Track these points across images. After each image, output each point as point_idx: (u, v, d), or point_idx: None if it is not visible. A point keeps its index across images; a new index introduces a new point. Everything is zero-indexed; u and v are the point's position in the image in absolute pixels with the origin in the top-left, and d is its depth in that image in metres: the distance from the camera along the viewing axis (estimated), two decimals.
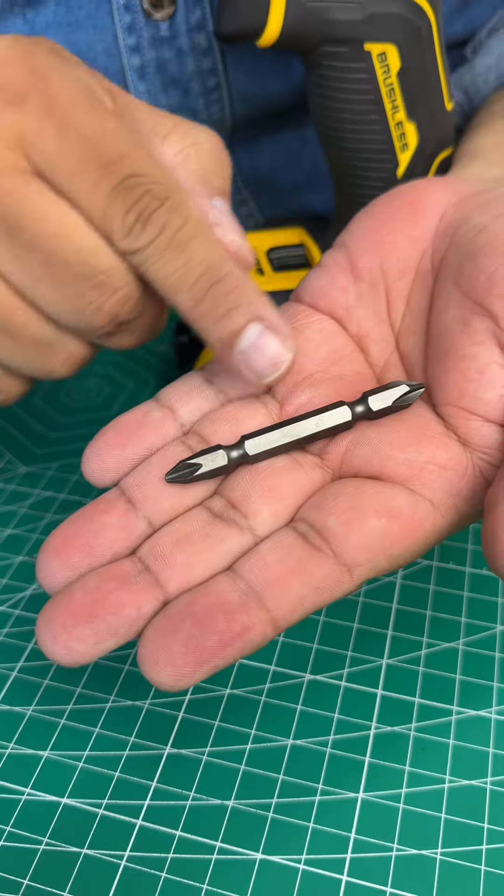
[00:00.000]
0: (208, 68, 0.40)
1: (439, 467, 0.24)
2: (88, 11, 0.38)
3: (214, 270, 0.24)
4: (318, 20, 0.32)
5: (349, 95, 0.33)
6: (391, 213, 0.29)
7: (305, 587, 0.22)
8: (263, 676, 0.31)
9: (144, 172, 0.24)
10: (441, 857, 0.26)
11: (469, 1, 0.44)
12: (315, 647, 0.32)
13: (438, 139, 0.35)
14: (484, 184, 0.29)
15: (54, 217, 0.24)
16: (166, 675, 0.21)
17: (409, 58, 0.33)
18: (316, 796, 0.28)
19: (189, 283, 0.24)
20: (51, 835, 0.27)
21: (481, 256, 0.25)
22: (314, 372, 0.27)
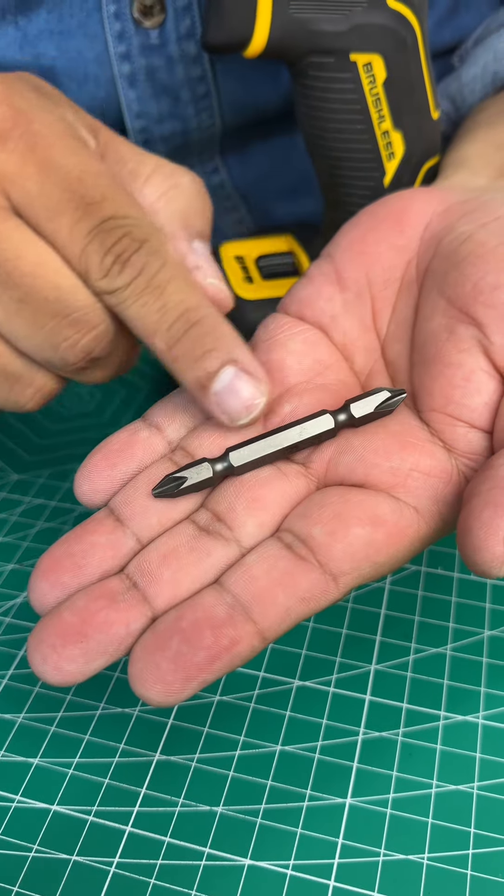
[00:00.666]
0: (198, 76, 0.41)
1: (424, 474, 0.24)
2: (80, 20, 0.38)
3: (191, 313, 0.24)
4: (304, 31, 0.32)
5: (335, 105, 0.34)
6: (376, 223, 0.29)
7: (291, 598, 0.22)
8: (252, 683, 0.31)
9: (124, 214, 0.24)
10: (428, 862, 0.26)
11: (458, 8, 0.44)
12: (304, 653, 0.32)
13: (425, 148, 0.35)
14: (469, 192, 0.29)
15: (31, 255, 0.24)
16: (156, 693, 0.21)
17: (394, 68, 0.33)
18: (304, 802, 0.28)
19: (166, 325, 0.24)
20: (41, 842, 0.27)
21: (466, 265, 0.26)
22: (298, 382, 0.27)
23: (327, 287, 0.29)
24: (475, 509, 0.21)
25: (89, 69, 0.39)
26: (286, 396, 0.27)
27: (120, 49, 0.39)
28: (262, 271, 0.40)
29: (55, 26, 0.38)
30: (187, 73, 0.40)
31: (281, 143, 0.46)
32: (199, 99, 0.41)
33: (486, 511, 0.21)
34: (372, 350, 0.28)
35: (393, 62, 0.33)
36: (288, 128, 0.45)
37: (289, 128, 0.45)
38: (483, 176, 0.31)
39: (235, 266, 0.40)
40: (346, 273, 0.29)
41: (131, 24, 0.38)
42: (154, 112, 0.41)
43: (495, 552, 0.20)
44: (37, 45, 0.38)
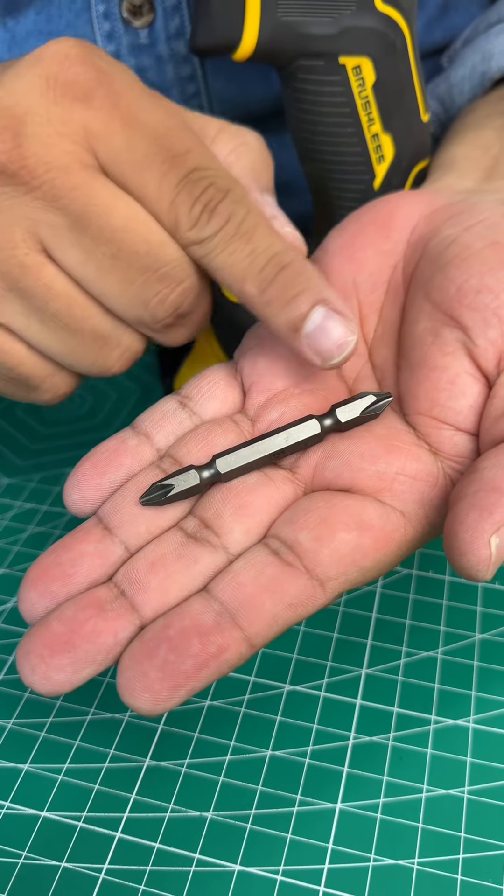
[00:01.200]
0: (188, 75, 0.41)
1: (410, 478, 0.24)
2: (69, 20, 0.38)
3: (280, 256, 0.25)
4: (292, 34, 0.32)
5: (325, 108, 0.34)
6: (362, 228, 0.29)
7: (279, 604, 0.22)
8: (243, 687, 0.31)
9: (208, 166, 0.25)
10: (418, 867, 0.26)
11: (448, 8, 0.44)
12: (295, 658, 0.32)
13: (415, 151, 0.35)
14: (456, 195, 0.29)
15: (121, 210, 0.25)
16: (144, 701, 0.21)
17: (383, 70, 0.33)
18: (294, 807, 0.28)
19: (256, 269, 0.25)
20: (30, 848, 0.27)
21: (451, 268, 0.26)
22: (285, 388, 0.27)
23: None
24: (460, 513, 0.21)
25: None
26: (273, 402, 0.27)
27: (109, 49, 0.39)
28: None
29: (44, 27, 0.38)
30: (177, 73, 0.40)
31: (273, 143, 0.46)
32: (189, 98, 0.41)
33: (472, 514, 0.21)
34: (359, 354, 0.28)
35: (382, 65, 0.33)
36: (279, 127, 0.45)
37: (280, 127, 0.45)
38: (470, 178, 0.31)
39: None
40: (334, 278, 0.29)
41: (120, 23, 0.38)
42: None
43: (481, 555, 0.20)
44: (25, 45, 0.38)
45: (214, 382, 0.28)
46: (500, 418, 0.24)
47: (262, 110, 0.44)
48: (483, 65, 0.37)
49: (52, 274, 0.26)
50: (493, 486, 0.21)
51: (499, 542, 0.20)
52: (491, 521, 0.21)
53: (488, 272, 0.25)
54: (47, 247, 0.26)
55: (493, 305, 0.25)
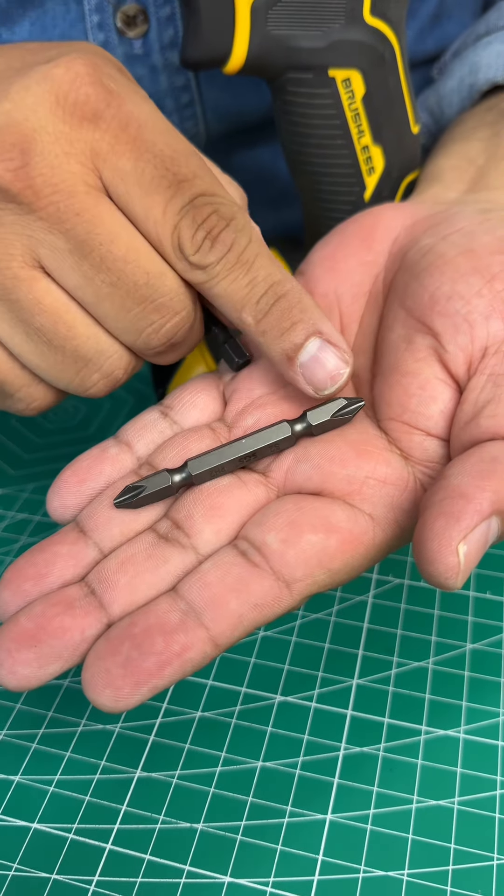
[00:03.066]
0: (182, 85, 0.41)
1: (380, 482, 0.25)
2: (63, 30, 0.38)
3: (278, 286, 0.26)
4: (282, 48, 0.32)
5: (315, 121, 0.34)
6: (346, 240, 0.29)
7: (244, 605, 0.23)
8: (234, 698, 0.31)
9: (213, 192, 0.25)
10: (408, 879, 0.26)
11: (440, 18, 0.44)
12: (286, 668, 0.32)
13: (405, 162, 0.35)
14: (439, 206, 0.29)
15: (124, 239, 0.25)
16: (106, 698, 0.22)
17: (373, 83, 0.33)
18: (284, 818, 0.28)
19: (254, 298, 0.25)
20: (21, 860, 0.27)
21: (425, 276, 0.26)
22: (263, 395, 0.28)
23: None
24: (428, 520, 0.21)
25: None
26: (250, 409, 0.28)
27: None
28: None
29: (38, 36, 0.38)
30: (171, 82, 0.40)
31: (266, 152, 0.47)
32: (183, 108, 0.42)
33: (439, 521, 0.21)
34: None
35: (371, 77, 0.33)
36: (273, 136, 0.46)
37: (274, 136, 0.46)
38: (455, 189, 0.31)
39: None
40: (317, 290, 0.29)
41: (115, 34, 0.39)
42: None
43: (449, 563, 0.20)
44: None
45: (196, 392, 0.29)
46: (468, 424, 0.24)
47: (256, 120, 0.44)
48: (471, 77, 0.37)
49: (43, 289, 0.26)
50: (460, 492, 0.21)
51: (467, 550, 0.21)
52: (458, 528, 0.21)
53: (460, 279, 0.25)
54: (45, 266, 0.26)
55: (463, 311, 0.25)
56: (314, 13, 0.32)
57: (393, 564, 0.36)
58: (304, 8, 0.32)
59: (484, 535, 0.21)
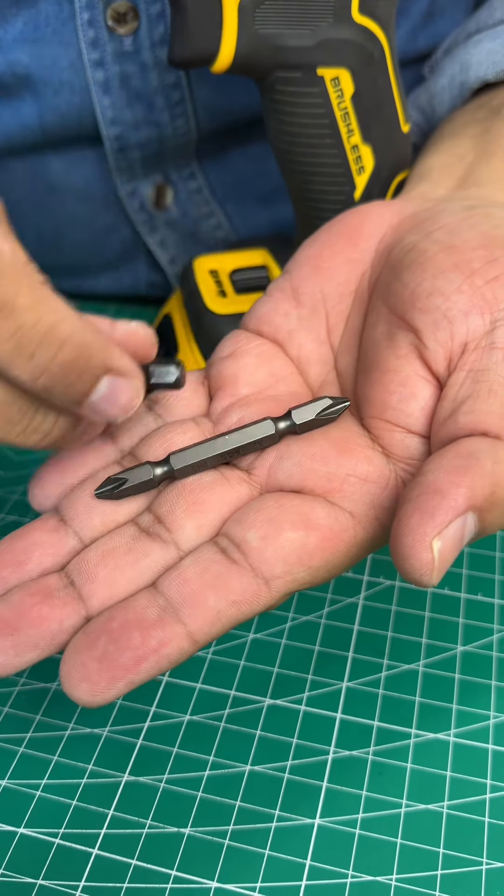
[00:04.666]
0: (172, 82, 0.41)
1: (360, 479, 0.25)
2: (55, 28, 0.38)
3: (54, 333, 0.20)
4: (270, 46, 0.32)
5: (304, 120, 0.33)
6: (332, 238, 0.29)
7: (222, 601, 0.23)
8: (223, 702, 0.31)
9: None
10: (396, 884, 0.26)
11: (432, 16, 0.44)
12: (276, 671, 0.32)
13: (395, 161, 0.35)
14: (426, 203, 0.29)
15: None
16: (83, 692, 0.21)
17: (362, 81, 0.33)
18: (272, 823, 0.28)
19: (26, 355, 0.20)
20: (6, 865, 0.27)
21: (407, 273, 0.26)
22: (249, 394, 0.28)
23: (284, 303, 0.29)
24: (404, 517, 0.21)
25: (64, 76, 0.39)
26: (235, 406, 0.27)
27: (94, 56, 0.39)
28: (235, 285, 0.39)
29: (30, 35, 0.38)
30: (161, 80, 0.40)
31: (258, 149, 0.46)
32: (173, 105, 0.41)
33: (414, 518, 0.21)
34: (326, 363, 0.29)
35: (360, 76, 0.33)
36: (264, 133, 0.46)
37: (265, 134, 0.45)
38: (443, 186, 0.31)
39: (209, 280, 0.40)
40: (303, 289, 0.29)
41: (105, 31, 0.38)
42: (129, 119, 0.41)
43: (423, 559, 0.20)
44: (11, 53, 0.38)
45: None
46: (447, 420, 0.24)
47: (248, 117, 0.44)
48: (462, 75, 0.37)
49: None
50: (434, 488, 0.21)
51: (441, 546, 0.20)
52: (432, 524, 0.20)
53: (440, 275, 0.25)
54: None
55: (443, 308, 0.25)
56: (302, 11, 0.31)
57: (383, 566, 0.36)
58: (292, 6, 0.31)
59: (459, 531, 0.21)
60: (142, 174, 0.44)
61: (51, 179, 0.44)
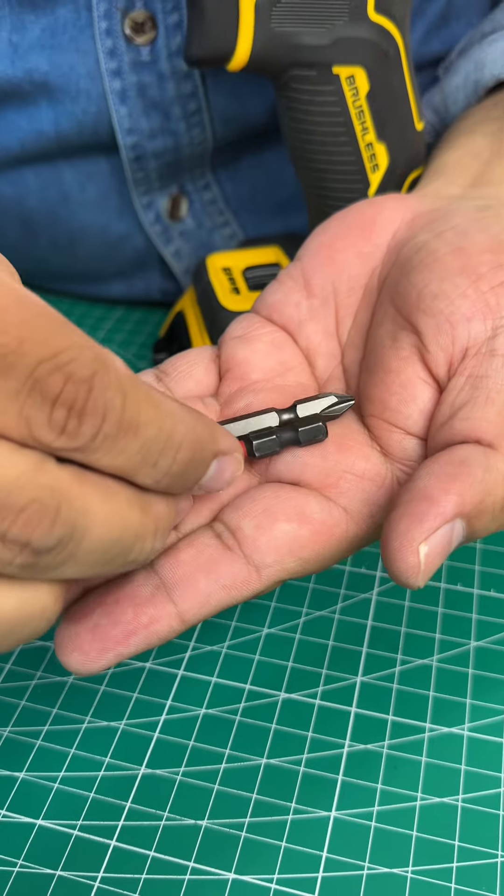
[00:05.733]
0: (189, 92, 0.41)
1: (357, 476, 0.25)
2: (72, 35, 0.38)
3: (171, 440, 0.20)
4: (286, 44, 0.32)
5: (319, 118, 0.34)
6: (345, 229, 0.29)
7: (213, 584, 0.23)
8: (239, 696, 0.31)
9: (55, 350, 0.18)
10: (412, 876, 0.26)
11: (447, 18, 0.44)
12: (290, 666, 0.32)
13: (409, 159, 0.35)
14: (439, 201, 0.29)
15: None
16: (73, 660, 0.22)
17: (377, 80, 0.33)
18: (289, 815, 0.28)
19: (150, 462, 0.20)
20: (25, 856, 0.27)
21: (415, 273, 0.26)
22: (258, 380, 0.28)
23: (295, 293, 0.29)
24: (393, 520, 0.22)
25: (81, 84, 0.39)
26: (244, 392, 0.28)
27: (111, 65, 0.39)
28: (248, 282, 0.40)
29: (48, 41, 0.38)
30: (178, 90, 0.40)
31: (272, 158, 0.47)
32: (190, 115, 0.41)
33: (403, 522, 0.21)
34: (333, 356, 0.29)
35: (375, 74, 0.33)
36: (279, 142, 0.46)
37: (280, 142, 0.46)
38: (457, 184, 0.31)
39: (223, 277, 0.40)
40: (314, 280, 0.29)
41: (123, 41, 0.39)
42: (145, 128, 0.41)
43: (410, 563, 0.21)
44: (29, 59, 0.38)
45: (194, 363, 0.29)
46: (443, 425, 0.24)
47: (263, 125, 0.44)
48: (476, 73, 0.37)
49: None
50: (425, 494, 0.22)
51: (428, 551, 0.21)
52: (420, 529, 0.21)
53: (447, 278, 0.25)
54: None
55: (446, 311, 0.25)
56: (318, 10, 0.32)
57: None
58: (308, 5, 0.32)
59: (447, 537, 0.21)
60: (158, 185, 0.44)
61: (65, 191, 0.44)
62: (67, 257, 0.48)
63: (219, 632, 0.33)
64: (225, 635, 0.33)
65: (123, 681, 0.32)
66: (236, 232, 0.48)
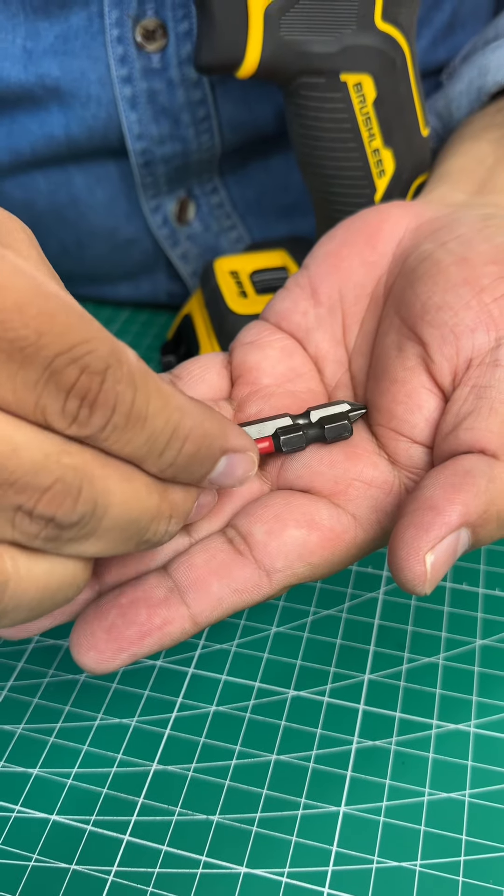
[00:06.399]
0: (198, 99, 0.41)
1: (365, 484, 0.26)
2: (84, 42, 0.39)
3: (178, 432, 0.21)
4: (294, 52, 0.33)
5: (327, 124, 0.34)
6: (351, 237, 0.30)
7: (225, 588, 0.24)
8: (248, 693, 0.32)
9: (71, 344, 0.18)
10: (420, 869, 0.27)
11: (454, 27, 0.45)
12: (299, 664, 0.33)
13: (415, 165, 0.36)
14: (445, 208, 0.30)
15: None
16: (89, 659, 0.23)
17: (384, 87, 0.34)
18: (299, 810, 0.28)
19: (156, 453, 0.21)
20: (40, 851, 0.28)
21: (419, 284, 0.27)
22: (269, 385, 0.29)
23: (303, 301, 0.30)
24: (400, 529, 0.22)
25: (92, 90, 0.40)
26: (255, 397, 0.28)
27: (122, 72, 0.40)
28: (256, 286, 0.40)
29: (60, 47, 0.39)
30: (188, 97, 0.41)
31: (279, 163, 0.47)
32: (199, 121, 0.42)
33: (409, 531, 0.22)
34: (341, 363, 0.30)
35: (382, 82, 0.34)
36: (286, 147, 0.46)
37: (287, 147, 0.46)
38: (462, 191, 0.32)
39: (230, 281, 0.40)
40: (321, 287, 0.30)
41: (133, 48, 0.39)
42: (155, 134, 0.42)
43: (416, 572, 0.22)
44: (41, 64, 0.39)
45: (206, 368, 0.29)
46: (448, 435, 0.25)
47: (270, 132, 0.44)
48: (480, 79, 0.37)
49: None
50: (430, 504, 0.22)
51: (434, 560, 0.22)
52: (426, 539, 0.22)
53: (451, 289, 0.26)
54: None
55: (451, 323, 0.25)
56: (326, 19, 0.32)
57: None
58: (317, 13, 0.32)
59: (452, 546, 0.22)
60: (166, 189, 0.45)
61: (74, 194, 0.45)
62: (75, 259, 0.48)
63: (228, 630, 0.34)
64: (234, 634, 0.34)
65: (135, 678, 0.32)
66: (243, 235, 0.49)
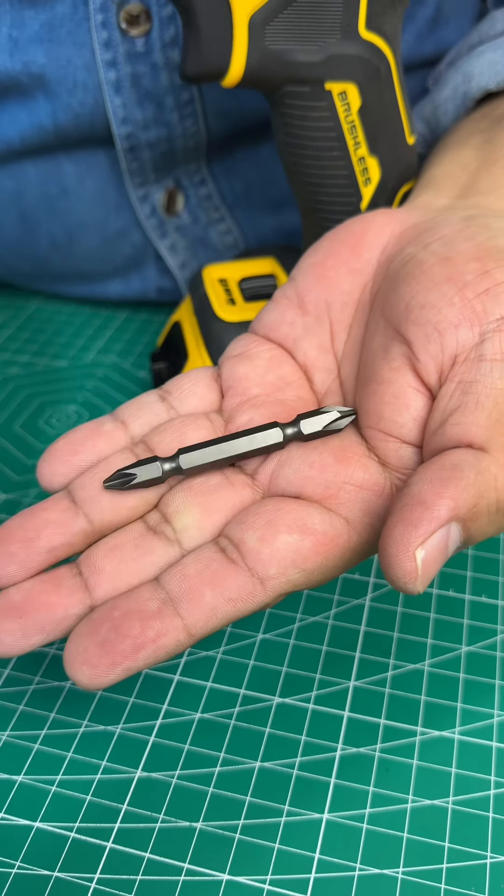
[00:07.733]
0: (182, 83, 0.42)
1: (356, 487, 0.26)
2: (69, 29, 0.39)
3: None
4: (279, 62, 0.33)
5: (312, 133, 0.34)
6: (335, 246, 0.30)
7: (219, 598, 0.24)
8: (234, 700, 0.32)
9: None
10: (402, 877, 0.27)
11: (438, 22, 0.45)
12: (284, 671, 0.33)
13: (401, 173, 0.36)
14: (428, 213, 0.30)
15: None
16: (83, 675, 0.23)
17: (369, 96, 0.34)
18: (282, 817, 0.28)
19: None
20: (23, 858, 0.28)
21: (403, 285, 0.27)
22: (259, 395, 0.29)
23: (290, 311, 0.30)
24: (389, 526, 0.22)
25: (78, 76, 0.41)
26: (245, 406, 0.28)
27: (106, 56, 0.40)
28: (244, 293, 0.40)
29: (46, 35, 0.39)
30: (171, 80, 0.42)
31: (267, 155, 0.47)
32: (182, 105, 0.42)
33: (398, 528, 0.22)
34: (330, 371, 0.30)
35: (367, 90, 0.34)
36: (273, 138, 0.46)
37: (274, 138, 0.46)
38: (446, 195, 0.32)
39: (219, 288, 0.41)
40: (308, 297, 0.30)
41: (118, 32, 0.40)
42: (139, 118, 0.42)
43: (406, 568, 0.21)
44: (27, 53, 0.39)
45: (196, 382, 0.29)
46: (436, 432, 0.25)
47: (257, 119, 0.45)
48: (464, 85, 0.37)
49: None
50: (419, 500, 0.22)
51: (424, 556, 0.21)
52: (416, 534, 0.21)
53: (434, 288, 0.26)
54: None
55: (434, 320, 0.25)
56: (311, 28, 0.32)
57: None
58: (301, 23, 0.32)
59: (443, 541, 0.22)
60: (153, 177, 0.46)
61: (64, 184, 0.45)
62: (65, 255, 0.49)
63: (214, 637, 0.34)
64: (220, 640, 0.34)
65: (120, 685, 0.32)
66: (231, 228, 0.49)
